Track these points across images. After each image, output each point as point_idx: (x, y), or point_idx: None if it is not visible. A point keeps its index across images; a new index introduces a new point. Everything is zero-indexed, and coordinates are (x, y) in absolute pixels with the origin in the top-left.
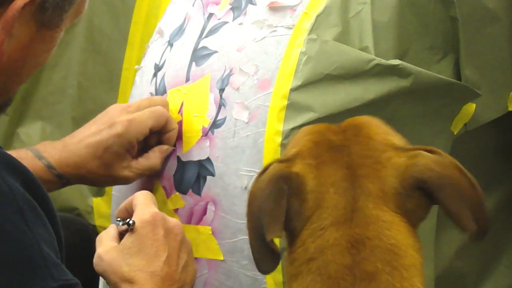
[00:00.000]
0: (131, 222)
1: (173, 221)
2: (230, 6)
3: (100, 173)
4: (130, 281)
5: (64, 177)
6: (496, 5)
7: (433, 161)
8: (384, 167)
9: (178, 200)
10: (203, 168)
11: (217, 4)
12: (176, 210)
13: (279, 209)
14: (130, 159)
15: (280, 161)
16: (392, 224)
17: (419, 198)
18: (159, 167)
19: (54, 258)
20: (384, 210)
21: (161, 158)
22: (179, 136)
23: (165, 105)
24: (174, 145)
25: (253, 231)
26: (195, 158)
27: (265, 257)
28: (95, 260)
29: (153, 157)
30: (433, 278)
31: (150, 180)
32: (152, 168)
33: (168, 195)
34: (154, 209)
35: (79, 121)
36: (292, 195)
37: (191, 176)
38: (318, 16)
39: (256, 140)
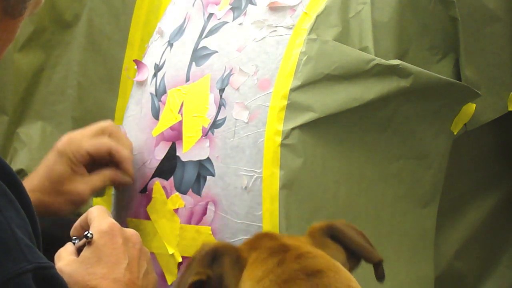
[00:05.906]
0: (89, 234)
1: (131, 230)
2: (230, 6)
3: (53, 194)
4: None
5: None
6: (496, 5)
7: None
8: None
9: (178, 200)
10: (203, 168)
11: (217, 4)
12: (176, 210)
13: None
14: (80, 176)
15: None
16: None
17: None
18: (99, 189)
19: (28, 241)
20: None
21: (103, 182)
22: (179, 136)
23: (113, 130)
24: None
25: None
26: (195, 158)
27: None
28: None
29: (95, 179)
30: (433, 278)
31: (150, 180)
32: (94, 188)
33: (168, 195)
34: (111, 219)
35: (79, 121)
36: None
37: (191, 176)
38: (318, 16)
39: (256, 140)
